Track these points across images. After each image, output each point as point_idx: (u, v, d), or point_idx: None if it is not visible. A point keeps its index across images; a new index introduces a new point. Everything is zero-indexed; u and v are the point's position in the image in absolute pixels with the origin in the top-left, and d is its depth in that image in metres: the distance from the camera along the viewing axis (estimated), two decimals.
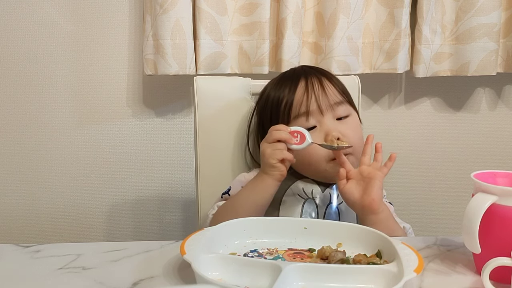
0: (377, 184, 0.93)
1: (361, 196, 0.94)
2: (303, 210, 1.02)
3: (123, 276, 0.73)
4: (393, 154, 0.96)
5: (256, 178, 1.00)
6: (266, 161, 0.96)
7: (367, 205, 0.93)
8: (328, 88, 1.03)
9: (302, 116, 1.02)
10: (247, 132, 1.15)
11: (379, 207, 0.93)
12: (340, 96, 1.04)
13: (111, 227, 1.65)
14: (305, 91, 1.02)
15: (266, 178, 0.97)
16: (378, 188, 0.93)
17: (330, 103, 1.02)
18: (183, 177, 1.63)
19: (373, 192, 0.93)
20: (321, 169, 1.02)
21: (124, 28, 1.54)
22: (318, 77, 1.05)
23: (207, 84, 1.18)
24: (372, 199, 0.92)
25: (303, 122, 1.02)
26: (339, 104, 1.03)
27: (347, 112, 1.04)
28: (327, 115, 1.01)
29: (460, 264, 0.78)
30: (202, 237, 0.76)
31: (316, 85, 1.03)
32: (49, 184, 1.60)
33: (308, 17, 1.53)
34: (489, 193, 0.71)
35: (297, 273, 0.67)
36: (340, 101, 1.04)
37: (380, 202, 0.93)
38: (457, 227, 0.83)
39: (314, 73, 1.06)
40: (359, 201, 0.94)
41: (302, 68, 1.11)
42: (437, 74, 1.57)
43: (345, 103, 1.04)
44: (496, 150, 1.72)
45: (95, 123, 1.59)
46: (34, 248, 0.83)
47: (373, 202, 0.92)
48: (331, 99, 1.02)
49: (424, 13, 1.51)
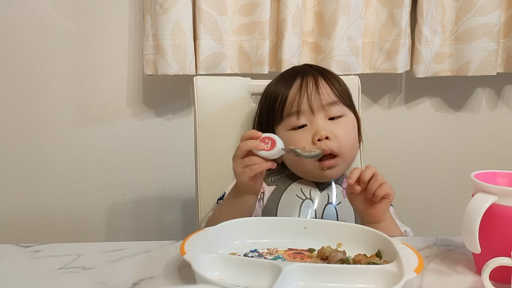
0: (387, 202, 0.92)
1: (365, 209, 0.93)
2: (301, 210, 1.02)
3: (123, 276, 0.73)
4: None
5: (233, 192, 0.96)
6: (238, 179, 0.92)
7: (371, 216, 0.93)
8: (322, 88, 1.03)
9: (293, 115, 1.02)
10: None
11: (381, 218, 0.93)
12: (335, 96, 1.04)
13: (111, 227, 1.65)
14: (299, 90, 1.03)
15: (242, 193, 0.94)
16: (386, 205, 0.93)
17: (322, 103, 1.02)
18: (183, 177, 1.63)
19: (380, 207, 0.92)
20: (308, 169, 1.02)
21: (124, 28, 1.54)
22: (315, 76, 1.05)
23: (207, 84, 1.18)
24: (376, 213, 0.92)
25: (294, 120, 1.02)
26: (332, 104, 1.03)
27: (341, 113, 1.04)
28: (318, 114, 1.01)
29: (460, 264, 0.78)
30: (202, 237, 0.76)
31: (310, 85, 1.03)
32: (49, 184, 1.60)
33: (308, 17, 1.53)
34: (489, 193, 0.71)
35: (297, 273, 0.67)
36: (334, 101, 1.03)
37: (384, 214, 0.93)
38: (457, 227, 0.82)
39: (312, 73, 1.06)
40: (362, 211, 0.94)
41: (303, 67, 1.12)
42: (437, 74, 1.57)
43: (339, 104, 1.04)
44: (496, 150, 1.72)
45: (95, 123, 1.59)
46: (34, 248, 0.83)
47: (376, 216, 0.93)
48: (324, 99, 1.02)
49: (424, 13, 1.51)
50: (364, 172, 0.90)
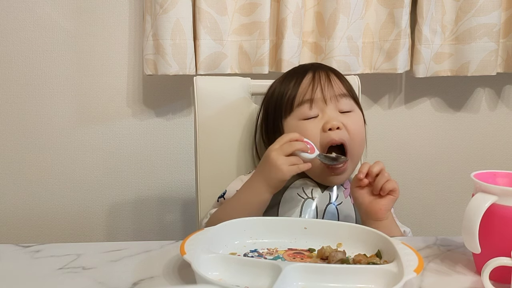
0: (392, 199, 0.94)
1: (370, 202, 0.94)
2: (302, 209, 1.02)
3: (123, 276, 0.73)
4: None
5: (255, 187, 0.97)
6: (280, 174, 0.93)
7: (374, 212, 0.93)
8: (334, 81, 1.05)
9: (306, 103, 1.02)
10: (254, 131, 1.15)
11: (384, 216, 0.93)
12: (346, 90, 1.05)
13: (111, 227, 1.65)
14: (311, 81, 1.04)
15: (268, 189, 0.96)
16: (390, 202, 0.94)
17: (335, 94, 1.03)
18: (183, 177, 1.63)
19: (384, 203, 0.93)
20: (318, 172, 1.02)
21: (124, 28, 1.54)
22: (326, 71, 1.07)
23: (207, 84, 1.18)
24: (379, 209, 0.93)
25: (307, 109, 1.02)
26: (344, 96, 1.04)
27: (351, 107, 1.05)
28: (330, 105, 1.02)
29: (460, 264, 0.78)
30: (202, 237, 0.76)
31: (323, 77, 1.05)
32: (49, 184, 1.60)
33: (308, 17, 1.53)
34: (489, 193, 0.71)
35: (297, 273, 0.67)
36: (345, 93, 1.05)
37: (386, 212, 0.94)
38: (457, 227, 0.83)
39: (323, 68, 1.08)
40: (366, 205, 0.94)
41: (312, 64, 1.13)
42: (437, 74, 1.57)
43: (349, 98, 1.05)
44: (496, 150, 1.72)
45: (95, 123, 1.59)
46: (34, 248, 0.83)
47: (379, 211, 0.93)
48: (337, 91, 1.04)
49: (424, 13, 1.51)
50: (373, 166, 0.93)
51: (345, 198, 1.05)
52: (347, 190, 1.05)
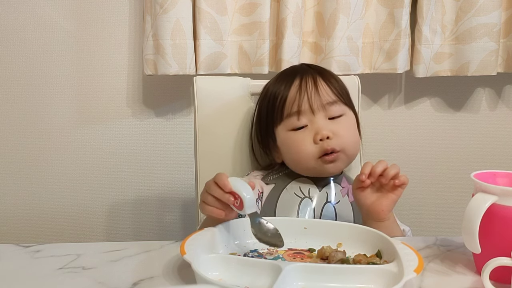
0: (394, 199, 0.93)
1: (372, 203, 0.93)
2: (299, 209, 1.02)
3: (123, 276, 0.73)
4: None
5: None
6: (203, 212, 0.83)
7: (376, 213, 0.93)
8: (321, 88, 1.03)
9: (293, 115, 1.02)
10: (251, 131, 1.15)
11: (385, 217, 0.93)
12: (334, 96, 1.04)
13: (111, 227, 1.65)
14: (298, 90, 1.03)
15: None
16: (392, 202, 0.93)
17: (322, 103, 1.02)
18: (183, 177, 1.63)
19: (386, 203, 0.92)
20: (310, 166, 1.02)
21: (124, 28, 1.54)
22: (314, 76, 1.05)
23: (207, 84, 1.18)
24: (382, 210, 0.92)
25: (295, 121, 1.02)
26: (332, 104, 1.03)
27: (341, 112, 1.04)
28: (318, 114, 1.02)
29: (460, 264, 0.78)
30: (202, 237, 0.76)
31: (309, 85, 1.03)
32: (49, 184, 1.60)
33: (308, 17, 1.53)
34: (489, 193, 0.71)
35: (297, 273, 0.67)
36: (333, 101, 1.04)
37: (388, 212, 0.93)
38: (457, 227, 0.82)
39: (311, 72, 1.06)
40: (368, 206, 0.94)
41: (301, 66, 1.12)
42: (437, 74, 1.57)
43: (338, 103, 1.04)
44: (496, 150, 1.72)
45: (95, 123, 1.59)
46: (34, 248, 0.83)
47: (381, 212, 0.92)
48: (324, 99, 1.03)
49: (424, 13, 1.51)
50: (376, 165, 0.92)
51: (343, 197, 1.05)
52: (344, 189, 1.05)
